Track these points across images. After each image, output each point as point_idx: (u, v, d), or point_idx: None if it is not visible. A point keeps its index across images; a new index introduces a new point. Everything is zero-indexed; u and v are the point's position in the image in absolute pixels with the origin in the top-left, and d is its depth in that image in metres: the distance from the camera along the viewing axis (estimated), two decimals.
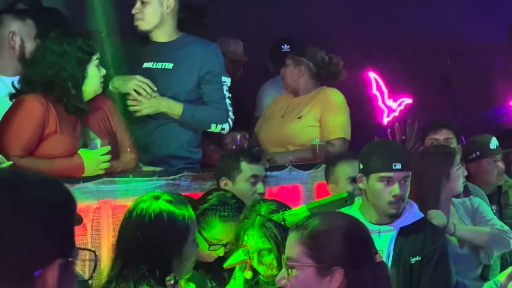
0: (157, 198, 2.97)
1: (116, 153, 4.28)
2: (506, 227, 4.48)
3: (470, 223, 4.49)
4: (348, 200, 3.27)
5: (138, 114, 4.60)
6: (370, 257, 2.56)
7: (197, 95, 4.75)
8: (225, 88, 4.79)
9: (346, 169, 4.56)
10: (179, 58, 4.71)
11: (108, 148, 4.16)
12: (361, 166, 4.00)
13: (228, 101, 4.79)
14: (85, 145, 4.17)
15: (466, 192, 4.81)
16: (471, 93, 8.00)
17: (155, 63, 4.74)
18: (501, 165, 5.25)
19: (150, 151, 4.64)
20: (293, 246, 2.54)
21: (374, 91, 7.62)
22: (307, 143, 5.04)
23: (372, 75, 7.61)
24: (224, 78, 4.79)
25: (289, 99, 5.42)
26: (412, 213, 3.97)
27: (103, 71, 4.21)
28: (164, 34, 4.76)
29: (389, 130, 6.20)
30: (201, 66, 4.72)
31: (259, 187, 4.35)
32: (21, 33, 4.56)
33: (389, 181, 3.88)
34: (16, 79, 4.51)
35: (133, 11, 4.71)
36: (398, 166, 3.87)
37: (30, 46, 4.52)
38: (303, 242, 2.51)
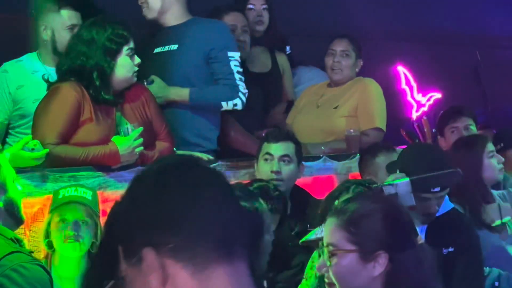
0: None
1: (151, 142, 4.27)
2: None
3: None
4: None
5: None
6: (412, 240, 2.52)
7: (206, 74, 4.70)
8: (233, 63, 4.70)
9: (386, 161, 4.35)
10: (184, 38, 4.69)
11: (139, 130, 4.13)
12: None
13: (237, 76, 4.70)
14: (117, 133, 4.16)
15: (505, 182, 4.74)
16: (501, 87, 7.91)
17: (162, 47, 4.74)
18: None
19: None
20: (333, 232, 2.48)
21: (403, 85, 7.55)
22: (343, 133, 4.97)
23: (401, 69, 7.54)
24: (231, 53, 4.70)
25: (323, 89, 5.35)
26: (443, 204, 3.83)
27: (137, 60, 4.20)
28: (171, 18, 4.73)
29: (417, 123, 6.13)
30: (205, 43, 4.68)
31: (273, 165, 4.25)
32: (53, 25, 4.55)
33: (425, 199, 3.76)
34: (53, 69, 4.52)
35: (139, 2, 4.72)
36: (437, 189, 3.74)
37: (63, 37, 4.50)
38: (344, 227, 2.46)
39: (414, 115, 7.55)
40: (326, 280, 2.54)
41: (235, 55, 4.73)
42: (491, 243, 4.26)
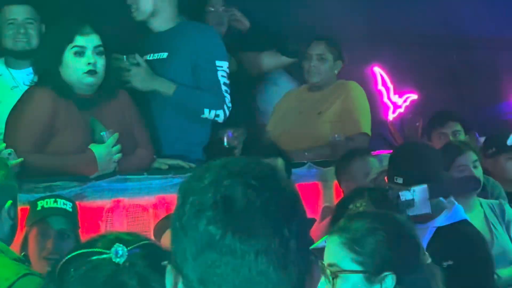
0: None
1: (131, 149, 4.09)
2: None
3: (504, 230, 4.32)
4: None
5: (127, 85, 4.36)
6: (420, 259, 2.40)
7: (193, 83, 4.50)
8: (220, 73, 4.50)
9: (361, 166, 4.41)
10: (173, 46, 4.51)
11: (115, 135, 3.96)
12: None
13: (224, 87, 4.51)
14: (93, 140, 3.98)
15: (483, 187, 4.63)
16: (477, 88, 7.87)
17: (152, 55, 4.55)
18: None
19: None
20: (336, 251, 2.34)
21: (380, 86, 7.49)
22: (327, 139, 4.88)
23: (377, 70, 7.48)
24: (219, 63, 4.51)
25: (303, 94, 5.24)
26: (452, 213, 3.65)
27: (88, 59, 3.93)
28: (161, 23, 4.54)
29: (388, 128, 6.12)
30: (193, 51, 4.48)
31: None
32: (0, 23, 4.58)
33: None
34: (19, 72, 4.52)
35: (128, 1, 4.52)
36: (399, 180, 3.64)
37: (6, 33, 4.52)
38: (348, 246, 2.33)
39: (391, 116, 7.48)
40: None
41: (223, 65, 4.53)
42: None
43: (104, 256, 1.60)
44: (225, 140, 4.75)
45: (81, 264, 1.60)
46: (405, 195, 3.41)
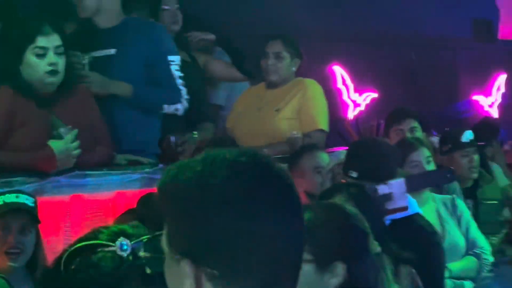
0: None
1: (92, 146, 4.12)
2: (486, 247, 4.42)
3: (456, 224, 4.41)
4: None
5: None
6: (369, 248, 2.46)
7: (146, 79, 4.57)
8: (173, 67, 4.60)
9: (310, 161, 4.48)
10: (122, 42, 4.55)
11: (74, 132, 3.99)
12: None
13: (179, 80, 4.62)
14: (52, 137, 3.99)
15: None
16: (435, 87, 7.98)
17: (99, 51, 4.57)
18: (473, 159, 5.16)
19: None
20: None
21: (340, 85, 7.57)
22: (285, 136, 4.93)
23: (337, 69, 7.56)
24: (171, 57, 4.62)
25: (262, 91, 5.28)
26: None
27: (50, 59, 3.96)
28: (106, 19, 4.57)
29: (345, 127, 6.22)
30: (145, 48, 4.55)
31: None
32: None
33: None
34: None
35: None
36: (354, 174, 3.73)
37: None
38: None
39: (351, 114, 7.56)
40: None
41: (175, 59, 4.63)
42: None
43: (109, 249, 1.64)
44: (171, 143, 4.79)
45: (86, 255, 1.64)
46: (382, 189, 3.45)
